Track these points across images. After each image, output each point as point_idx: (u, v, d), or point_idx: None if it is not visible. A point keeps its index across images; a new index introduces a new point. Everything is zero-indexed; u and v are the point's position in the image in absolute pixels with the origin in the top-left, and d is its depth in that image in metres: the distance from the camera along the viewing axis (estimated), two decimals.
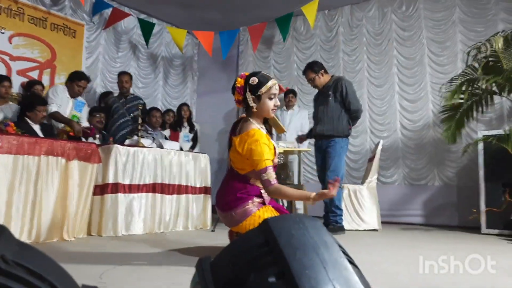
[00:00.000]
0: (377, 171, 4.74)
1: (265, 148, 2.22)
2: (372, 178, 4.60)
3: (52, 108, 4.30)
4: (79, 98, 4.63)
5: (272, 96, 2.32)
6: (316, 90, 4.46)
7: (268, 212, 2.29)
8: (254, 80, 2.30)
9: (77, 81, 4.46)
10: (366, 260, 2.49)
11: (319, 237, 0.51)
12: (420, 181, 5.52)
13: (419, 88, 5.67)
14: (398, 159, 5.70)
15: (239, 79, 2.37)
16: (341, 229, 4.05)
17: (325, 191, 2.22)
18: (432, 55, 5.62)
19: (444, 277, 2.07)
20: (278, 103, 2.38)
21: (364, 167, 5.63)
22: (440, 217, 5.23)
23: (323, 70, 4.29)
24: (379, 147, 4.68)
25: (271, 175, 2.20)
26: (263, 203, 2.35)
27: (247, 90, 2.31)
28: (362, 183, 4.68)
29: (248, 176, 2.35)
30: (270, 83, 2.30)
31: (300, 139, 4.70)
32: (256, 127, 2.32)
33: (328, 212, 4.11)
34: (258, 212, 2.27)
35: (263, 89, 2.29)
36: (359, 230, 4.35)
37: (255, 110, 2.32)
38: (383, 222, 4.66)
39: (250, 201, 2.30)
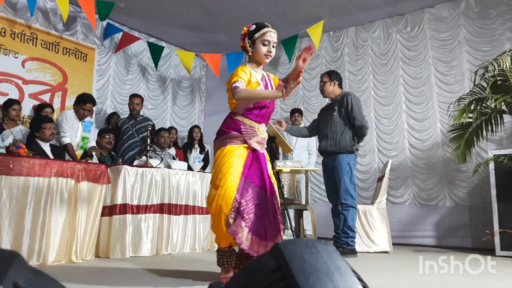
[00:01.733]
0: (386, 191, 4.69)
1: (241, 73, 2.41)
2: (382, 198, 4.54)
3: (65, 140, 4.39)
4: (87, 119, 4.70)
5: (266, 43, 2.44)
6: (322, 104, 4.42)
7: (233, 150, 2.38)
8: (252, 26, 2.50)
9: (82, 105, 4.54)
10: (378, 285, 2.44)
11: (333, 262, 0.50)
12: (430, 202, 5.45)
13: (426, 107, 5.66)
14: (408, 178, 5.65)
15: (245, 27, 2.54)
16: (352, 252, 3.89)
17: (290, 75, 2.37)
18: (439, 74, 5.62)
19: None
20: (272, 51, 2.47)
21: (372, 186, 5.59)
22: (453, 239, 5.13)
23: (337, 82, 4.21)
24: (388, 166, 4.64)
25: (241, 84, 2.34)
26: (243, 141, 2.43)
27: (246, 36, 2.50)
28: (372, 203, 4.63)
29: (234, 111, 2.50)
30: (264, 29, 2.45)
31: (279, 122, 3.97)
32: (241, 65, 2.50)
33: (339, 232, 4.02)
34: (228, 147, 2.41)
35: (257, 35, 2.45)
36: (370, 252, 4.28)
37: (250, 54, 2.50)
38: (394, 244, 4.58)
39: (226, 135, 2.45)
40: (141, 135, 5.19)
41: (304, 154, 5.94)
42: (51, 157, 3.86)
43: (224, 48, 6.73)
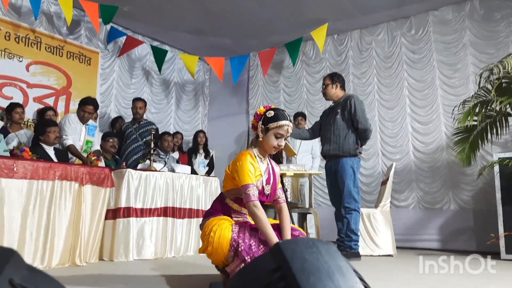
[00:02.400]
0: (390, 194, 4.67)
1: (251, 167, 2.25)
2: (386, 201, 4.52)
3: (68, 142, 4.39)
4: (91, 122, 4.69)
5: (279, 136, 2.30)
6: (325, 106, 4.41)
7: (224, 222, 2.24)
8: (270, 113, 2.33)
9: (83, 107, 4.53)
10: (383, 287, 2.42)
11: (334, 262, 0.49)
12: (435, 205, 5.42)
13: (431, 110, 5.64)
14: (412, 182, 5.62)
15: (262, 107, 2.42)
16: (356, 255, 3.86)
17: None
18: (444, 77, 5.60)
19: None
20: (282, 144, 2.34)
21: (376, 190, 5.56)
22: (457, 242, 5.10)
23: (340, 84, 4.17)
24: (392, 170, 4.62)
25: (254, 191, 2.19)
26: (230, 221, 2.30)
27: (261, 119, 2.35)
28: (376, 207, 4.61)
29: (225, 195, 2.38)
30: (282, 122, 2.29)
31: None
32: (249, 152, 2.35)
33: (342, 236, 3.99)
34: (215, 219, 2.28)
35: (273, 125, 2.29)
36: (374, 256, 4.25)
37: (261, 140, 2.34)
38: (398, 247, 4.55)
39: (213, 216, 2.33)
40: (144, 139, 5.20)
41: (308, 158, 5.92)
42: (55, 160, 3.87)
43: (228, 52, 6.74)
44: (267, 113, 2.34)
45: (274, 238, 2.09)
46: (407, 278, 2.94)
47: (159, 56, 6.42)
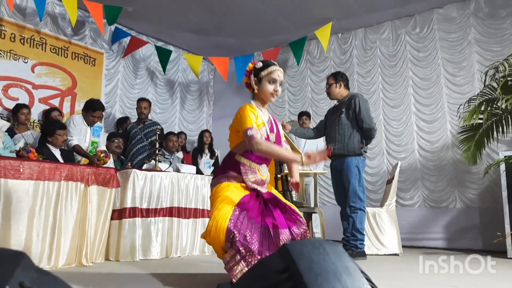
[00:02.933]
0: (395, 193, 4.66)
1: (251, 114, 2.31)
2: (392, 200, 4.51)
3: (73, 142, 4.41)
4: (96, 123, 4.72)
5: (272, 81, 2.38)
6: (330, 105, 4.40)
7: (230, 188, 2.28)
8: (259, 64, 2.43)
9: (91, 112, 4.56)
10: (389, 286, 2.42)
11: (341, 263, 0.49)
12: (440, 204, 5.40)
13: (436, 109, 5.61)
14: (417, 180, 5.60)
15: (250, 64, 2.49)
16: (361, 254, 3.87)
17: (317, 154, 2.20)
18: (449, 76, 5.58)
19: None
20: (278, 90, 2.41)
21: (381, 189, 5.55)
22: (463, 241, 5.07)
23: (344, 83, 4.16)
24: (398, 169, 4.60)
25: (256, 132, 2.25)
26: (241, 181, 2.33)
27: (252, 73, 2.43)
28: (381, 206, 4.60)
29: (234, 151, 2.41)
30: (271, 68, 2.38)
31: (283, 126, 3.99)
32: (248, 104, 2.42)
33: (348, 235, 3.99)
34: (224, 183, 2.32)
35: (264, 72, 2.38)
36: (379, 255, 4.24)
37: (256, 92, 2.42)
38: (403, 246, 4.54)
39: (223, 175, 2.37)
40: (149, 139, 5.21)
41: None
42: (61, 161, 3.89)
43: (232, 51, 6.75)
44: (256, 66, 2.42)
45: (289, 154, 2.29)
46: (412, 277, 2.93)
47: (164, 56, 6.44)
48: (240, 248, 2.08)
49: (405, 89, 5.91)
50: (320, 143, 5.72)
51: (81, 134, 4.59)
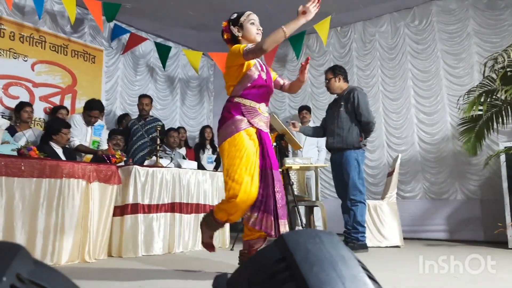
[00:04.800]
0: (396, 185, 4.67)
1: (243, 45, 2.41)
2: (392, 193, 4.53)
3: (75, 142, 4.43)
4: (97, 122, 4.73)
5: (253, 22, 2.54)
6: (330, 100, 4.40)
7: (243, 139, 2.39)
8: (233, 15, 2.60)
9: (88, 112, 4.58)
10: (389, 277, 2.44)
11: (336, 252, 0.51)
12: (441, 195, 5.41)
13: (435, 101, 5.61)
14: (418, 173, 5.61)
15: (224, 22, 2.63)
16: (363, 247, 3.90)
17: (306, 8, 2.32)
18: (448, 67, 5.57)
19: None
20: (260, 28, 2.56)
21: (382, 181, 5.56)
22: (465, 232, 5.09)
23: (342, 76, 4.18)
24: (398, 161, 4.62)
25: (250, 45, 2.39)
26: (248, 123, 2.44)
27: (231, 25, 2.57)
28: (382, 198, 4.62)
29: (233, 94, 2.51)
30: (247, 12, 2.57)
31: (292, 124, 4.21)
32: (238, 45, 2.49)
33: (349, 228, 4.01)
34: (236, 135, 2.40)
35: (243, 18, 2.55)
36: (381, 247, 4.27)
37: (241, 38, 2.54)
38: (405, 238, 4.56)
39: (231, 120, 2.44)
40: (150, 136, 5.23)
41: (314, 151, 5.93)
42: (64, 159, 3.91)
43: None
44: (231, 17, 2.60)
45: (279, 31, 2.31)
46: (414, 268, 2.95)
47: (163, 52, 6.43)
48: (260, 206, 2.35)
49: (404, 81, 5.90)
50: (321, 139, 5.73)
51: (82, 134, 4.61)
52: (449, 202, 5.35)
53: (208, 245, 2.62)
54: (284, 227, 2.39)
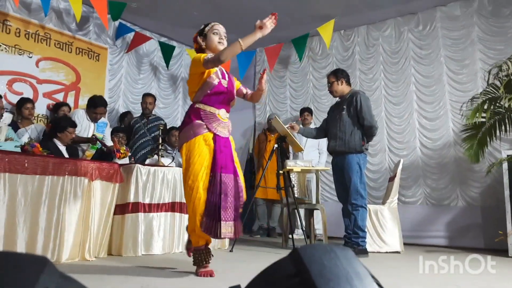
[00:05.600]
0: (398, 191, 4.67)
1: (204, 55, 2.59)
2: (394, 198, 4.52)
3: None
4: (101, 119, 4.73)
5: (216, 32, 2.73)
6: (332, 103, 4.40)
7: (199, 144, 2.54)
8: (201, 26, 2.81)
9: (93, 109, 4.60)
10: (390, 285, 2.44)
11: (352, 267, 0.51)
12: (442, 202, 5.41)
13: (438, 107, 5.61)
14: (419, 178, 5.61)
15: (196, 33, 2.84)
16: (363, 252, 3.90)
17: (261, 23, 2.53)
18: (451, 74, 5.57)
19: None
20: (224, 39, 2.75)
21: (383, 186, 5.56)
22: (465, 239, 5.09)
23: (345, 79, 4.17)
24: (400, 166, 4.62)
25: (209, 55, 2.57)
26: (206, 128, 2.59)
27: (197, 36, 2.79)
28: (383, 203, 4.61)
29: (195, 100, 2.69)
30: (212, 23, 2.77)
31: (291, 126, 4.26)
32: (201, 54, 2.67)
33: (349, 232, 4.01)
34: (195, 139, 2.56)
35: (207, 28, 2.75)
36: (381, 252, 4.27)
37: (204, 47, 2.75)
38: (405, 244, 4.56)
39: (190, 125, 2.61)
40: (153, 134, 5.23)
41: (315, 153, 5.94)
42: (66, 156, 3.91)
43: None
44: (198, 31, 2.80)
45: (237, 44, 2.49)
46: (414, 275, 2.96)
47: (167, 51, 6.45)
48: (212, 210, 2.47)
49: (407, 86, 5.91)
50: (322, 139, 5.74)
51: (82, 129, 4.61)
52: (449, 209, 5.34)
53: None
54: (227, 228, 2.47)
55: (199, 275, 2.59)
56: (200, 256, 2.62)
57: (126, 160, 4.28)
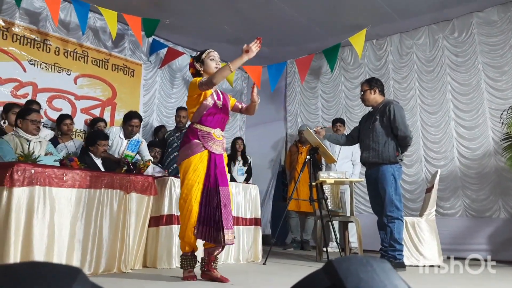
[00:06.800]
0: (435, 202, 4.51)
1: (199, 79, 2.87)
2: (431, 210, 4.37)
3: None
4: (135, 138, 4.77)
5: (212, 58, 3.01)
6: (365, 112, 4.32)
7: (195, 162, 2.82)
8: (197, 53, 3.10)
9: (128, 121, 4.66)
10: None
11: (390, 281, 0.49)
12: (483, 213, 5.19)
13: (476, 115, 5.42)
14: (458, 189, 5.41)
15: (190, 58, 3.16)
16: (400, 265, 3.76)
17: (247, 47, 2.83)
18: (490, 81, 5.38)
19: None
20: (219, 64, 3.03)
21: (420, 197, 5.40)
22: (509, 252, 4.84)
23: (378, 89, 4.07)
24: (437, 177, 4.47)
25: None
26: (203, 147, 2.86)
27: (194, 61, 3.05)
28: (420, 215, 4.47)
29: (193, 121, 2.94)
30: (208, 50, 3.05)
31: (317, 132, 4.26)
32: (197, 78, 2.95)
33: (385, 245, 3.90)
34: (191, 158, 2.83)
35: (204, 55, 3.03)
36: (419, 266, 4.12)
37: (202, 72, 3.00)
38: (445, 257, 4.38)
39: (188, 144, 2.87)
40: None
41: (348, 164, 5.84)
42: (102, 169, 4.01)
43: (265, 59, 6.78)
44: (194, 55, 3.07)
45: (226, 68, 2.75)
46: None
47: None
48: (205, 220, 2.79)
49: (443, 94, 5.75)
50: (355, 150, 5.64)
51: (114, 145, 4.68)
52: (491, 221, 5.11)
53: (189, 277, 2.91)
54: (229, 236, 2.75)
55: (183, 279, 2.86)
56: (185, 261, 2.89)
57: (160, 172, 4.33)
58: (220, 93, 3.07)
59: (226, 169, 2.99)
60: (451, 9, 5.54)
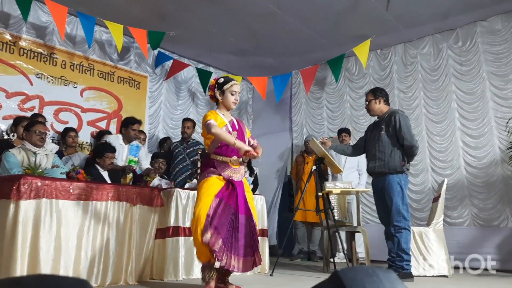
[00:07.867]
0: (443, 211, 4.47)
1: (212, 116, 2.87)
2: (439, 219, 4.33)
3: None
4: (134, 143, 4.76)
5: (233, 93, 2.96)
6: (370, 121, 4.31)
7: (212, 182, 2.83)
8: (221, 79, 2.99)
9: (131, 126, 4.65)
10: None
11: None
12: (491, 222, 5.14)
13: (482, 124, 5.40)
14: (465, 198, 5.37)
15: (212, 80, 3.06)
16: (408, 276, 3.71)
17: (249, 149, 2.78)
18: (495, 89, 5.37)
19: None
20: (238, 99, 3.00)
21: (427, 207, 5.36)
22: None
23: (383, 99, 4.07)
24: (444, 186, 4.43)
25: (214, 123, 2.80)
26: (219, 174, 2.87)
27: (216, 87, 2.98)
28: (428, 225, 4.43)
29: (209, 151, 2.95)
30: (232, 82, 2.96)
31: (323, 143, 4.28)
32: (212, 111, 2.97)
33: (393, 256, 3.86)
34: (206, 178, 2.86)
35: (226, 86, 2.94)
36: (427, 276, 4.07)
37: (221, 101, 2.98)
38: (454, 267, 4.33)
39: (206, 171, 2.91)
40: (192, 159, 5.30)
41: (354, 174, 5.82)
42: (109, 181, 4.03)
43: (270, 70, 6.82)
44: (218, 81, 2.98)
45: (230, 139, 2.75)
46: None
47: (204, 77, 6.59)
48: (217, 227, 2.68)
49: (448, 103, 5.73)
50: (362, 160, 5.62)
51: (117, 153, 4.66)
52: (499, 230, 5.06)
53: None
54: (234, 263, 2.73)
55: None
56: (203, 273, 2.85)
57: (166, 184, 4.34)
58: (236, 123, 3.07)
59: (249, 195, 3.00)
60: (455, 19, 5.56)
